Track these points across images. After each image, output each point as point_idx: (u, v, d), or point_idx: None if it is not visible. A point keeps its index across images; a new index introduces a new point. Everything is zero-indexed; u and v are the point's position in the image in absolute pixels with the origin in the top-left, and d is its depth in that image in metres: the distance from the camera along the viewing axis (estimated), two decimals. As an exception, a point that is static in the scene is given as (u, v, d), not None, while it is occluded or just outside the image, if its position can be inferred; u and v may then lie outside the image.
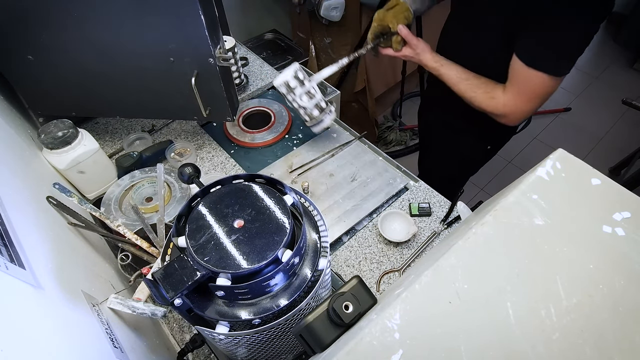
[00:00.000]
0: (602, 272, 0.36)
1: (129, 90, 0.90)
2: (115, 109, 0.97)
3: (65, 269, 0.59)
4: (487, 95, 0.88)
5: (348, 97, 1.91)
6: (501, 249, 0.38)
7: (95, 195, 0.95)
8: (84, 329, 0.52)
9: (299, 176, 1.04)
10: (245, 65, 1.36)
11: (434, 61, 0.93)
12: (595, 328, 0.33)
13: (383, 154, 1.10)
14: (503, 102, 0.86)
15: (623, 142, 2.30)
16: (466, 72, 0.92)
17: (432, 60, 0.93)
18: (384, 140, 2.31)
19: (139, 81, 0.87)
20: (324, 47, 1.78)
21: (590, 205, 0.41)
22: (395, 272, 0.87)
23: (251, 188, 0.53)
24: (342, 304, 0.38)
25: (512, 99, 0.85)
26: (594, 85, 2.71)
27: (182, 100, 0.89)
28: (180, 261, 0.46)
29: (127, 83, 0.88)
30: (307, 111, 0.98)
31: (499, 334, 0.34)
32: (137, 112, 0.98)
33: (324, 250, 0.54)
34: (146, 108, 0.96)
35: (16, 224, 0.54)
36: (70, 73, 0.86)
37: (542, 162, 0.45)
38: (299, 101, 0.96)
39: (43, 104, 0.94)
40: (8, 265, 0.44)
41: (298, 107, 0.98)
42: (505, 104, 0.86)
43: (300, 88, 0.95)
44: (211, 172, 1.06)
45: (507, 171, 2.23)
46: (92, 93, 0.91)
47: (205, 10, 0.73)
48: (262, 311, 0.48)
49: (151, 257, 0.78)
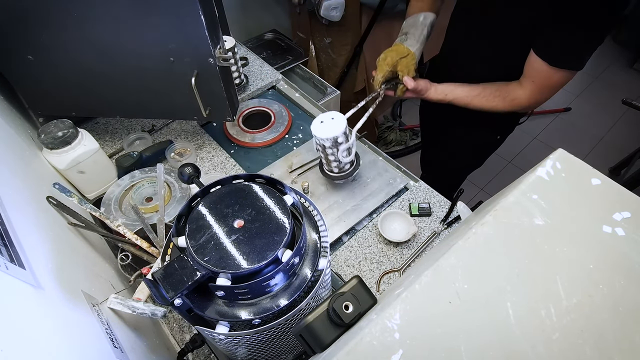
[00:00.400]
0: (602, 272, 0.36)
1: (129, 90, 0.90)
2: (115, 109, 0.97)
3: (65, 269, 0.59)
4: (507, 101, 0.92)
5: (348, 97, 1.91)
6: (501, 249, 0.38)
7: (95, 195, 0.95)
8: (84, 329, 0.52)
9: (299, 176, 1.04)
10: (245, 65, 1.36)
11: (437, 94, 0.97)
12: (595, 328, 0.33)
13: (383, 154, 1.10)
14: (527, 100, 0.90)
15: (623, 142, 2.30)
16: (474, 87, 0.94)
17: (436, 94, 0.97)
18: (384, 140, 2.31)
19: (139, 81, 0.87)
20: (324, 47, 1.78)
21: (590, 205, 0.41)
22: (395, 272, 0.87)
23: (251, 188, 0.53)
24: (342, 304, 0.38)
25: (533, 95, 0.89)
26: (594, 85, 2.71)
27: (182, 100, 0.89)
28: (180, 261, 0.46)
29: (127, 83, 0.88)
30: (340, 165, 0.91)
31: (499, 334, 0.33)
32: (137, 112, 0.98)
33: (324, 250, 0.54)
34: (146, 108, 0.96)
35: (16, 224, 0.54)
36: (70, 73, 0.86)
37: (542, 162, 0.45)
38: (339, 156, 0.88)
39: (43, 104, 0.94)
40: (8, 265, 0.44)
41: (332, 160, 0.90)
42: (528, 101, 0.90)
43: (345, 144, 0.86)
44: (211, 172, 1.06)
45: (507, 171, 2.23)
46: (92, 93, 0.91)
47: (205, 10, 0.73)
48: (262, 311, 0.48)
49: (151, 257, 0.78)
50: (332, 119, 0.85)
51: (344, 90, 1.82)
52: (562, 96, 2.62)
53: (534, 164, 0.48)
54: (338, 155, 0.88)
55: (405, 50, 0.94)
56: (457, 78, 1.08)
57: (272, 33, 1.84)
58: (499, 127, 1.14)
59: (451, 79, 1.11)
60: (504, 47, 0.92)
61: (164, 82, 0.86)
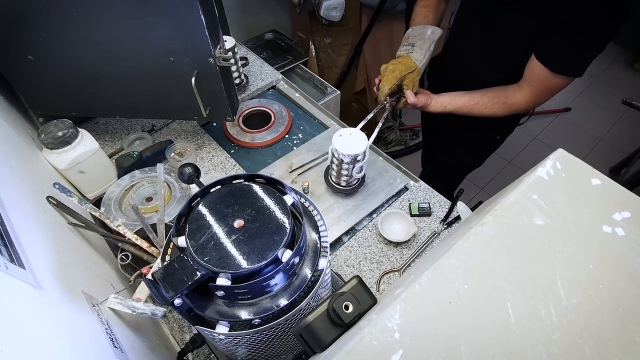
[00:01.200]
0: (602, 272, 0.36)
1: (129, 90, 0.90)
2: (115, 109, 0.97)
3: (65, 269, 0.59)
4: (506, 106, 0.93)
5: (348, 97, 1.91)
6: (501, 249, 0.38)
7: (95, 195, 0.95)
8: (84, 329, 0.52)
9: (299, 176, 1.04)
10: (245, 65, 1.36)
11: (437, 108, 0.98)
12: (595, 328, 0.33)
13: (383, 154, 1.10)
14: (525, 103, 0.91)
15: (623, 142, 2.30)
16: (473, 96, 0.95)
17: (435, 107, 0.98)
18: (384, 140, 2.31)
19: (139, 81, 0.87)
20: (324, 47, 1.78)
21: (590, 205, 0.41)
22: (395, 272, 0.87)
23: (251, 188, 0.53)
24: (342, 304, 0.38)
25: (531, 99, 0.90)
26: (594, 85, 2.71)
27: (182, 100, 0.89)
28: (180, 261, 0.46)
29: (127, 83, 0.88)
30: (349, 180, 0.94)
31: (499, 334, 0.34)
32: (137, 112, 0.98)
33: (324, 250, 0.54)
34: (146, 108, 0.96)
35: (16, 224, 0.54)
36: (70, 73, 0.86)
37: (542, 162, 0.45)
38: (353, 172, 0.90)
39: (43, 104, 0.94)
40: (8, 265, 0.44)
41: (344, 175, 0.92)
42: (527, 104, 0.91)
43: (362, 162, 0.88)
44: (211, 172, 1.06)
45: (507, 171, 2.23)
46: (92, 93, 0.91)
47: (205, 10, 0.73)
48: (262, 311, 0.48)
49: (151, 257, 0.78)
50: (350, 134, 0.86)
51: (344, 90, 1.82)
52: (562, 96, 2.62)
53: (534, 164, 0.48)
54: (352, 171, 0.90)
55: (413, 65, 0.94)
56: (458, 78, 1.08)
57: (272, 33, 1.84)
58: (499, 127, 1.14)
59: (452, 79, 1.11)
60: (506, 50, 0.92)
61: (164, 82, 0.86)
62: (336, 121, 1.21)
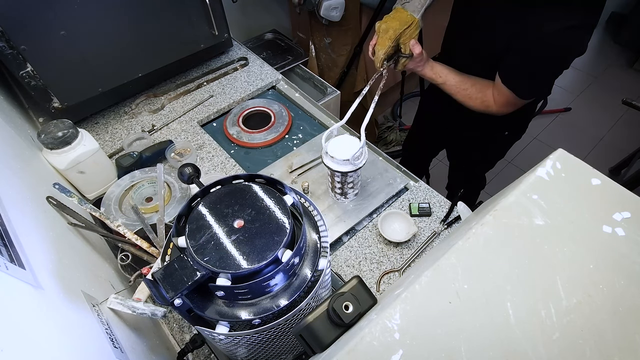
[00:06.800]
0: (602, 272, 0.36)
1: (143, 44, 1.04)
2: (135, 69, 1.10)
3: (65, 269, 0.59)
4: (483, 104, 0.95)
5: (348, 97, 1.91)
6: (501, 249, 0.38)
7: (95, 195, 0.95)
8: (84, 329, 0.52)
9: (299, 176, 1.04)
10: (245, 65, 1.36)
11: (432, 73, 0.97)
12: (595, 328, 0.33)
13: (383, 154, 1.10)
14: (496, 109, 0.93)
15: (623, 142, 2.30)
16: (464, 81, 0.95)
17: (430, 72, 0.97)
18: (384, 140, 2.31)
19: (153, 27, 1.03)
20: (324, 47, 1.77)
21: (590, 205, 0.41)
22: (395, 272, 0.87)
23: (251, 188, 0.53)
24: (342, 304, 0.38)
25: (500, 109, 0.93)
26: (594, 85, 2.71)
27: (191, 30, 1.09)
28: (180, 261, 0.46)
29: (141, 37, 1.02)
30: (343, 189, 0.93)
31: (499, 334, 0.34)
32: (155, 63, 1.13)
33: (324, 250, 0.54)
34: (163, 56, 1.14)
35: (16, 224, 0.54)
36: (98, 45, 0.97)
37: (542, 162, 0.45)
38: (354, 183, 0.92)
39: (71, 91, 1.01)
40: (8, 265, 0.44)
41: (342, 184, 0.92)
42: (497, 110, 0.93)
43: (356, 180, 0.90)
44: (211, 172, 1.06)
45: (507, 171, 2.23)
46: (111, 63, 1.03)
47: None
48: (262, 311, 0.48)
49: (151, 257, 0.78)
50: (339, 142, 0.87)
51: (344, 90, 1.82)
52: (562, 96, 2.62)
53: (534, 164, 0.48)
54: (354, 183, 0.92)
55: (409, 18, 0.83)
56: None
57: (272, 33, 1.84)
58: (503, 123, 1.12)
59: None
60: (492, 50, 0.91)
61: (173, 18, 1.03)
62: (336, 121, 1.20)
